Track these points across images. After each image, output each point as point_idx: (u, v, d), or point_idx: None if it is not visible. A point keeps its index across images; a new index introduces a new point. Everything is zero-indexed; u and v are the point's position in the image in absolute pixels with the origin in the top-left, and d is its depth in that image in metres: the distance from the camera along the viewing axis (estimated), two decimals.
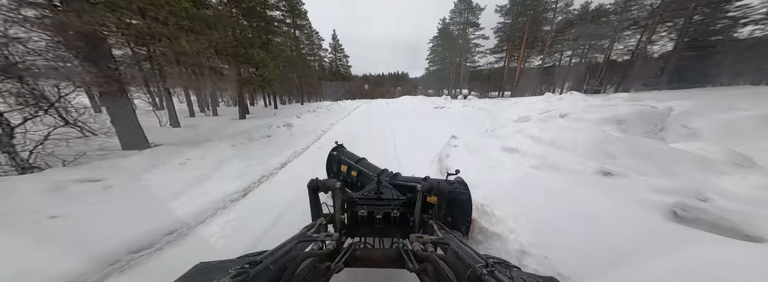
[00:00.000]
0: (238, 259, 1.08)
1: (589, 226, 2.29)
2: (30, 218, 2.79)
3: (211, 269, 0.94)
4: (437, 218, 1.81)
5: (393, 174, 2.84)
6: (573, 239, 2.12)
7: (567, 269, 1.80)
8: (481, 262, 0.87)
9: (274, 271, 0.88)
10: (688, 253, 1.88)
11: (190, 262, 1.02)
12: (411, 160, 5.64)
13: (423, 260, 1.05)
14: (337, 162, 3.35)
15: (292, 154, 6.47)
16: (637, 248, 1.99)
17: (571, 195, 2.89)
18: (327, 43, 48.98)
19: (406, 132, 9.70)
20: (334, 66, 52.80)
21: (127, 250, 2.49)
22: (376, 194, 1.98)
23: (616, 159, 3.65)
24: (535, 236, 2.17)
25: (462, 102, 22.73)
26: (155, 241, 2.70)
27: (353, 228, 1.89)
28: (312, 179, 1.81)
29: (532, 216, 2.48)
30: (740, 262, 1.75)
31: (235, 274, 0.75)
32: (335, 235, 1.37)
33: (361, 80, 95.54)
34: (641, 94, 17.09)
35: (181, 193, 3.79)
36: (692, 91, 16.64)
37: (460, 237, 1.64)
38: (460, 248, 1.12)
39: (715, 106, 7.17)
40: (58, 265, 2.15)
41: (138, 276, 2.30)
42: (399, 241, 1.32)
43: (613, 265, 1.83)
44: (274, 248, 1.12)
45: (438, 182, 1.87)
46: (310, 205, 1.86)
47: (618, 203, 2.63)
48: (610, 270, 1.80)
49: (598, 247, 2.03)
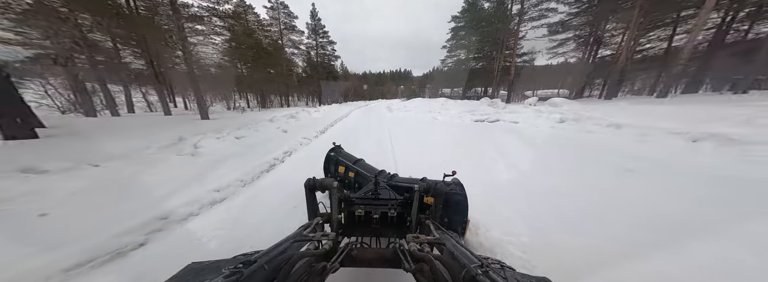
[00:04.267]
0: (231, 259, 1.04)
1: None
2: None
3: (203, 269, 0.93)
4: (434, 218, 1.78)
5: (391, 175, 2.79)
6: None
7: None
8: (476, 262, 0.88)
9: (269, 271, 0.87)
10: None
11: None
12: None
13: (419, 260, 1.05)
14: (334, 163, 3.36)
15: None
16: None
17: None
18: (302, 23, 36.92)
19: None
20: (315, 56, 37.52)
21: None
22: (374, 194, 2.01)
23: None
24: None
25: (537, 112, 10.42)
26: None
27: (350, 228, 1.88)
28: (309, 178, 1.78)
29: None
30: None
31: (228, 273, 0.74)
32: (332, 235, 1.37)
33: (360, 78, 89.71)
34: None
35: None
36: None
37: (456, 237, 1.60)
38: (456, 248, 1.10)
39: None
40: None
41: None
42: (396, 241, 1.32)
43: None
44: (269, 248, 1.10)
45: (435, 183, 1.82)
46: (307, 204, 1.83)
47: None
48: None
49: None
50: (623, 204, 2.95)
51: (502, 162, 4.94)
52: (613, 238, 2.30)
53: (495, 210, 2.86)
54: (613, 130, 6.82)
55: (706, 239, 2.24)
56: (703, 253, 2.05)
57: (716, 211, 2.71)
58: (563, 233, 2.43)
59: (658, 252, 2.10)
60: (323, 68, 39.09)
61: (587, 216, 2.72)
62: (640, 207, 2.87)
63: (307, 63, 37.09)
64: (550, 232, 2.43)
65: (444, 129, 9.66)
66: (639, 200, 3.04)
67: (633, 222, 2.56)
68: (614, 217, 2.66)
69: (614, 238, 2.30)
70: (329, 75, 40.55)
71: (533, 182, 3.76)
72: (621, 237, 2.32)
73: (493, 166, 4.65)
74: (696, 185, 3.36)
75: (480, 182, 3.63)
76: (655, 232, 2.38)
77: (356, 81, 76.79)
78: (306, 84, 36.69)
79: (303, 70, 36.95)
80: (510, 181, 3.87)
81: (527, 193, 3.38)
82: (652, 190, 3.31)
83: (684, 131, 5.42)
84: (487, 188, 3.51)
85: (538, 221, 2.64)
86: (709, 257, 2.00)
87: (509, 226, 2.52)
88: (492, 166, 4.65)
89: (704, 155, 4.51)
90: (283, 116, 12.07)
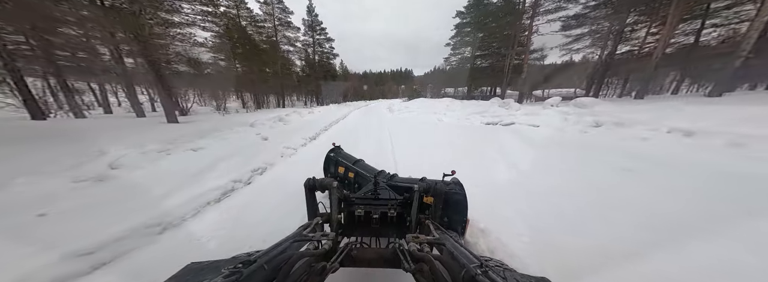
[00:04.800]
0: (230, 259, 1.05)
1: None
2: None
3: (203, 269, 0.93)
4: (434, 218, 1.77)
5: (390, 175, 2.78)
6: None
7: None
8: (476, 262, 0.87)
9: (269, 271, 0.87)
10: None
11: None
12: None
13: (419, 260, 1.05)
14: (334, 163, 3.33)
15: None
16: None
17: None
18: (298, 19, 32.67)
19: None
20: (312, 53, 34.51)
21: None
22: (373, 194, 2.00)
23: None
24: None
25: (562, 114, 8.61)
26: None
27: (349, 228, 1.87)
28: (309, 178, 1.78)
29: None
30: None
31: (227, 273, 0.74)
32: (331, 235, 1.37)
33: (361, 78, 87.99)
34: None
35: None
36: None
37: (456, 237, 1.61)
38: (456, 248, 1.10)
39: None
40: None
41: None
42: (395, 241, 1.32)
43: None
44: (268, 248, 1.10)
45: (435, 183, 1.82)
46: (307, 204, 1.83)
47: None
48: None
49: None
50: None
51: (531, 179, 3.65)
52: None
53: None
54: (682, 139, 5.22)
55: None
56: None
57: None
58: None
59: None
60: (321, 67, 36.55)
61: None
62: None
63: (305, 61, 34.98)
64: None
65: (450, 131, 8.73)
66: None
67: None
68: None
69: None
70: (327, 74, 38.21)
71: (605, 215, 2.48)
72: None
73: (525, 185, 3.38)
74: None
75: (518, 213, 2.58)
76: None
77: (356, 81, 75.10)
78: (305, 84, 34.63)
79: (301, 69, 35.03)
80: (567, 212, 2.62)
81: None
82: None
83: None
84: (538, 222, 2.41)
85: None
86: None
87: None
88: (522, 185, 3.40)
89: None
90: (270, 119, 10.49)
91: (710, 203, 2.69)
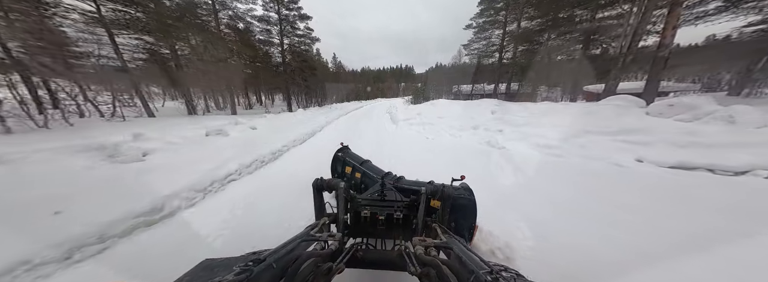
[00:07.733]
0: (242, 257, 1.07)
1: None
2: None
3: (216, 266, 0.96)
4: (441, 222, 1.75)
5: (397, 177, 2.82)
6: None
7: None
8: (485, 268, 0.85)
9: (277, 270, 0.89)
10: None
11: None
12: None
13: (425, 264, 1.05)
14: (341, 163, 3.40)
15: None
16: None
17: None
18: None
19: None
20: (278, 35, 22.45)
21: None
22: (380, 195, 1.99)
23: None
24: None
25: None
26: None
27: (356, 229, 1.90)
28: (317, 179, 1.81)
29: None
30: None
31: (239, 271, 0.76)
32: (338, 236, 1.38)
33: (357, 76, 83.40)
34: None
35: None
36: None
37: (464, 242, 1.56)
38: (464, 253, 1.07)
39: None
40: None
41: None
42: (401, 243, 1.38)
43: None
44: (277, 247, 1.11)
45: (442, 186, 1.79)
46: (314, 204, 1.86)
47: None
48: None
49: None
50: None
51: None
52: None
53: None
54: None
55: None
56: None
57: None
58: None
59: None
60: (294, 55, 24.51)
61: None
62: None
63: (264, 45, 22.54)
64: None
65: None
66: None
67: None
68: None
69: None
70: (304, 65, 25.80)
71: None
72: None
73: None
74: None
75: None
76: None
77: (348, 75, 63.75)
78: (272, 77, 23.48)
79: (260, 58, 22.43)
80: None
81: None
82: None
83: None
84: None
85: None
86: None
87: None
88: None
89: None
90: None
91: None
